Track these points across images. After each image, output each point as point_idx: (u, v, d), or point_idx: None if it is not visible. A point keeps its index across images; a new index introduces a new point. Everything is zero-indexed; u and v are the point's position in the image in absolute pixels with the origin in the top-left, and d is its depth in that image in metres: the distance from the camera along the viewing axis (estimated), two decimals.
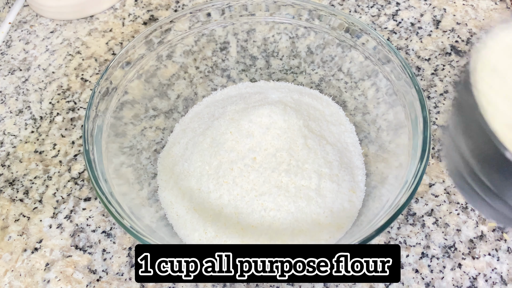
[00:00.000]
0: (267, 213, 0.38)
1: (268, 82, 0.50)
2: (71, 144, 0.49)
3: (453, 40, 0.53)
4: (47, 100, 0.53)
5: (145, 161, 0.44)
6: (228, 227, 0.38)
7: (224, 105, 0.45)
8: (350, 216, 0.39)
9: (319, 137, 0.41)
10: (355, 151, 0.43)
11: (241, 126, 0.41)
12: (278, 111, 0.41)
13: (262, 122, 0.41)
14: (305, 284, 0.39)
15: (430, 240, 0.41)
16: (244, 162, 0.39)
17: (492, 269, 0.39)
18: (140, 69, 0.44)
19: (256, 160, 0.39)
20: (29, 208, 0.45)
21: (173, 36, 0.45)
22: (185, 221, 0.40)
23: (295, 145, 0.40)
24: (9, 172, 0.48)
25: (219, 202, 0.39)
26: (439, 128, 0.47)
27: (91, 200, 0.45)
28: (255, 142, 0.40)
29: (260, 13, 0.46)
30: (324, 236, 0.37)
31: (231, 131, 0.41)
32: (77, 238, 0.43)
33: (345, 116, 0.46)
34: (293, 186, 0.38)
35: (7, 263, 0.42)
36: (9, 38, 0.59)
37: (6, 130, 0.51)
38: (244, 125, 0.41)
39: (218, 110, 0.45)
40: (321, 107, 0.46)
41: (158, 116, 0.46)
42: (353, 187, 0.40)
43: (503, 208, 0.26)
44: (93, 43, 0.57)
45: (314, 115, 0.44)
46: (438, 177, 0.44)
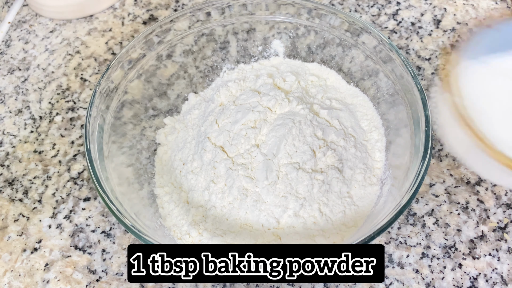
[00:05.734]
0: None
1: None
2: (70, 144, 0.49)
3: (454, 39, 0.53)
4: (47, 100, 0.52)
5: (144, 161, 0.44)
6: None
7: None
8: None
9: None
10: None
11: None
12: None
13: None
14: (305, 284, 0.39)
15: (431, 240, 0.41)
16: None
17: (492, 269, 0.39)
18: (140, 68, 0.44)
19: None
20: (29, 208, 0.45)
21: (173, 36, 0.44)
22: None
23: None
24: (8, 172, 0.47)
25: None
26: (440, 128, 0.47)
27: (91, 200, 0.45)
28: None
29: (260, 12, 0.46)
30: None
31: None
32: (76, 238, 0.43)
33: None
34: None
35: (7, 263, 0.42)
36: (8, 37, 0.59)
37: (5, 130, 0.51)
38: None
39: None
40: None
41: (158, 116, 0.46)
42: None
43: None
44: (92, 42, 0.57)
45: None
46: (438, 177, 0.44)
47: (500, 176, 0.42)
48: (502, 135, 0.39)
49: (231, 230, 0.38)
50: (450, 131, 0.44)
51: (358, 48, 0.43)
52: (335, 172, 0.39)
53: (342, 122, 0.42)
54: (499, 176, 0.42)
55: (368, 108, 0.44)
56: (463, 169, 0.44)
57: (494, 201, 0.42)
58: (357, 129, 0.42)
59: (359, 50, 0.43)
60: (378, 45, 0.41)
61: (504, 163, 0.38)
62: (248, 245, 0.36)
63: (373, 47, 0.42)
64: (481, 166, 0.43)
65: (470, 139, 0.39)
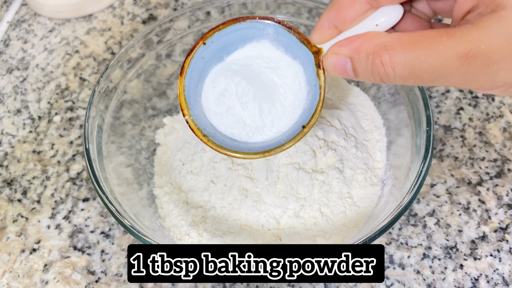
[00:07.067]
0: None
1: None
2: (69, 144, 0.49)
3: None
4: (46, 100, 0.52)
5: (144, 161, 0.43)
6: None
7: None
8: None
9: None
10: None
11: None
12: None
13: None
14: (305, 284, 0.39)
15: (432, 241, 0.40)
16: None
17: (494, 270, 0.39)
18: (140, 68, 0.43)
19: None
20: (27, 209, 0.45)
21: (173, 35, 0.44)
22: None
23: None
24: (7, 172, 0.47)
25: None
26: (441, 128, 0.46)
27: (90, 200, 0.45)
28: None
29: (260, 12, 0.45)
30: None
31: None
32: (75, 238, 0.43)
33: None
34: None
35: (5, 264, 0.42)
36: (7, 37, 0.59)
37: (4, 130, 0.50)
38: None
39: None
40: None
41: (158, 116, 0.46)
42: None
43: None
44: (91, 42, 0.57)
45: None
46: (439, 177, 0.44)
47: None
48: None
49: (231, 230, 0.38)
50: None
51: None
52: (336, 173, 0.38)
53: (343, 122, 0.41)
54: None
55: (369, 108, 0.44)
56: (464, 170, 0.44)
57: (496, 202, 0.42)
58: (357, 129, 0.42)
59: None
60: None
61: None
62: (248, 245, 0.36)
63: None
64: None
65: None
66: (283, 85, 0.31)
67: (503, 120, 0.47)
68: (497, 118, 0.47)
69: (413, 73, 0.23)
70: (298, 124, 0.30)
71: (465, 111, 0.47)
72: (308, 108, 0.30)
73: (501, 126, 0.46)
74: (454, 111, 0.48)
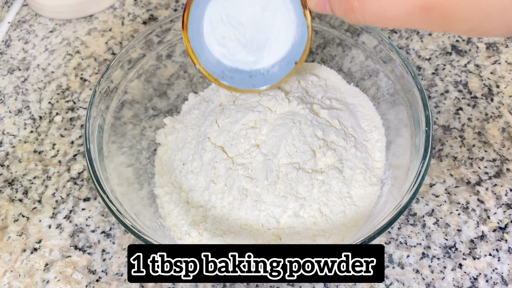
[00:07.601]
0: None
1: None
2: (70, 144, 0.49)
3: (454, 39, 0.53)
4: (46, 100, 0.52)
5: (144, 161, 0.44)
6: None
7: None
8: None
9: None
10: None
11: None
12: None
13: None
14: (305, 284, 0.39)
15: (431, 240, 0.41)
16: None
17: (493, 269, 0.39)
18: (140, 68, 0.43)
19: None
20: (28, 208, 0.45)
21: (173, 36, 0.44)
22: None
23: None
24: (8, 172, 0.47)
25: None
26: (440, 128, 0.47)
27: (91, 200, 0.45)
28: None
29: None
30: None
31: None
32: (76, 238, 0.43)
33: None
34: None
35: (6, 263, 0.42)
36: (8, 37, 0.59)
37: (5, 130, 0.51)
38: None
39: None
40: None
41: (158, 116, 0.46)
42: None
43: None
44: (92, 42, 0.57)
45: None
46: (439, 177, 0.44)
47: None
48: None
49: (231, 230, 0.38)
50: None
51: (358, 48, 0.43)
52: (335, 172, 0.39)
53: (342, 122, 0.42)
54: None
55: (368, 108, 0.44)
56: (463, 169, 0.44)
57: (495, 201, 0.42)
58: (357, 129, 0.42)
59: (359, 50, 0.43)
60: (378, 45, 0.41)
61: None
62: (248, 245, 0.36)
63: (373, 47, 0.42)
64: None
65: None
66: (275, 17, 0.35)
67: (502, 120, 0.47)
68: (496, 118, 0.47)
69: (380, 21, 0.25)
70: (291, 57, 0.35)
71: (464, 111, 0.48)
72: (298, 44, 0.34)
73: (500, 126, 0.46)
74: (453, 111, 0.48)
